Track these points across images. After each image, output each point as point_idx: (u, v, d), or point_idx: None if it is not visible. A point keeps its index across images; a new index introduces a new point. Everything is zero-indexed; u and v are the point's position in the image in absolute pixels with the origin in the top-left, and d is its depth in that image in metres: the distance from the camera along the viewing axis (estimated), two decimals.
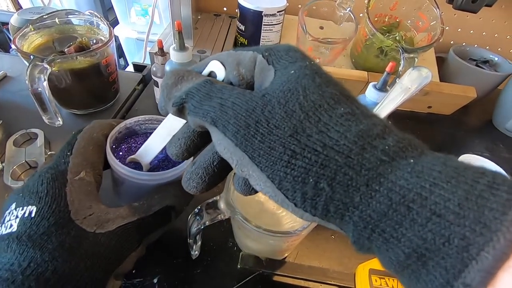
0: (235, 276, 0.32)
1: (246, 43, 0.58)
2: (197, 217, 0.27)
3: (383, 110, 0.33)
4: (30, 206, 0.21)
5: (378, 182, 0.12)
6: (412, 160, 0.13)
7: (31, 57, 0.37)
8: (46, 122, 0.40)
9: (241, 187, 0.18)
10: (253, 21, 0.55)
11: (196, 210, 0.27)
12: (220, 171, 0.18)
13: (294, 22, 0.62)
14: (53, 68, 0.39)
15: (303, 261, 0.34)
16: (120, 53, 1.04)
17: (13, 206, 0.21)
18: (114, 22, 0.98)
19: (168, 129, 0.21)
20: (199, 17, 0.66)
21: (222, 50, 0.56)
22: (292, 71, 0.15)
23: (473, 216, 0.10)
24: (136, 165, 0.27)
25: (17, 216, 0.20)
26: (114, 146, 0.28)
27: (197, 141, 0.19)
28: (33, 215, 0.20)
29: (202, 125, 0.16)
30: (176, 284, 0.31)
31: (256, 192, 0.17)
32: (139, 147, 0.28)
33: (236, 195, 0.30)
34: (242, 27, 0.57)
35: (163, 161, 0.29)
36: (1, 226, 0.21)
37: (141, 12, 0.94)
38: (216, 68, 0.17)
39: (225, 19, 0.66)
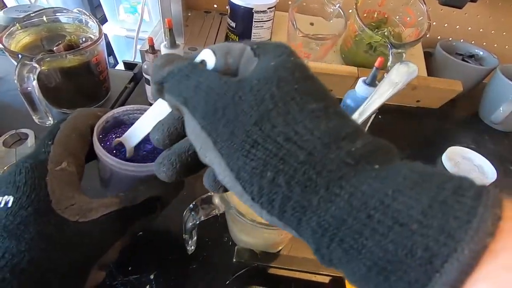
0: (231, 270, 0.32)
1: (237, 40, 0.58)
2: (192, 213, 0.27)
3: (373, 104, 0.34)
4: (6, 196, 0.20)
5: (339, 186, 0.12)
6: (377, 166, 0.12)
7: (20, 56, 0.37)
8: (37, 122, 0.40)
9: (210, 182, 0.17)
10: (243, 18, 0.55)
11: (191, 205, 0.28)
12: (194, 161, 0.17)
13: (285, 18, 0.62)
14: (42, 67, 0.38)
15: (297, 254, 0.35)
16: (109, 51, 1.02)
17: None
18: (102, 20, 0.97)
19: (155, 115, 0.21)
20: (189, 14, 0.65)
21: None
22: (273, 63, 0.14)
23: (437, 225, 0.10)
24: (124, 155, 0.27)
25: None
26: (101, 136, 0.27)
27: (180, 130, 0.18)
28: (9, 205, 0.19)
29: (177, 106, 0.16)
30: (173, 279, 0.31)
31: (225, 190, 0.17)
32: None
33: None
34: (233, 24, 0.57)
35: (151, 152, 0.28)
36: None
37: (130, 9, 0.93)
38: (207, 56, 0.17)
39: (216, 16, 0.66)
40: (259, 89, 0.13)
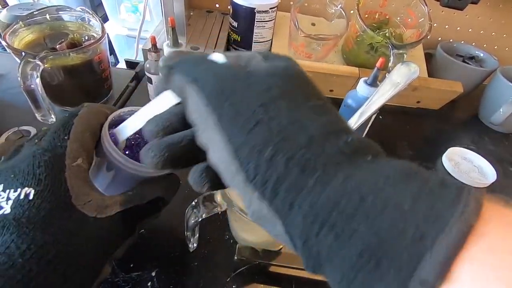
0: (232, 267, 0.32)
1: (239, 40, 0.59)
2: (194, 210, 0.28)
3: (374, 104, 0.34)
4: (26, 188, 0.20)
5: (334, 169, 0.12)
6: (369, 158, 0.13)
7: (23, 54, 0.37)
8: (39, 119, 0.40)
9: (195, 178, 0.17)
10: (245, 18, 0.55)
11: (193, 203, 0.28)
12: (184, 154, 0.17)
13: (286, 19, 0.62)
14: (46, 65, 0.38)
15: None
16: (110, 50, 1.03)
17: (0, 187, 0.20)
18: (103, 19, 0.97)
19: (152, 109, 0.21)
20: (191, 13, 0.66)
21: (215, 47, 0.56)
22: (281, 64, 0.16)
23: (426, 207, 0.11)
24: (130, 155, 0.27)
25: (8, 198, 0.19)
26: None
27: (175, 125, 0.18)
28: (31, 197, 0.19)
29: (182, 87, 0.16)
30: (174, 277, 0.31)
31: (210, 187, 0.17)
32: (129, 138, 0.27)
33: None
34: (235, 24, 0.57)
35: None
36: None
37: (131, 8, 0.94)
38: (218, 57, 0.17)
39: (218, 16, 0.66)
40: (268, 80, 0.15)
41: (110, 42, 0.98)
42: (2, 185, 0.20)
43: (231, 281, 0.32)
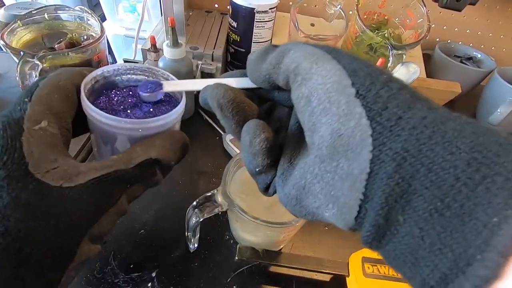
0: (232, 267, 0.32)
1: (238, 40, 0.59)
2: (195, 210, 0.27)
3: None
4: None
5: (437, 104, 0.14)
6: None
7: (22, 53, 0.36)
8: None
9: (255, 125, 0.17)
10: (245, 18, 0.55)
11: (194, 203, 0.28)
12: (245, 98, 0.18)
13: (285, 19, 0.63)
14: (44, 65, 0.38)
15: (299, 252, 0.35)
16: (108, 50, 1.02)
17: None
18: (101, 19, 0.97)
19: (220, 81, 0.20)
20: (190, 13, 0.66)
21: (215, 47, 0.56)
22: None
23: None
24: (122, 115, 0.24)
25: None
26: (90, 98, 0.23)
27: (239, 94, 0.19)
28: None
29: (288, 47, 0.17)
30: (175, 277, 0.31)
31: (265, 138, 0.17)
32: (123, 101, 0.24)
33: (233, 188, 0.31)
34: (234, 24, 0.57)
35: (149, 113, 0.25)
36: None
37: (129, 8, 0.93)
38: None
39: (217, 16, 0.66)
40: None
41: (108, 42, 0.98)
42: None
43: (231, 281, 0.32)
